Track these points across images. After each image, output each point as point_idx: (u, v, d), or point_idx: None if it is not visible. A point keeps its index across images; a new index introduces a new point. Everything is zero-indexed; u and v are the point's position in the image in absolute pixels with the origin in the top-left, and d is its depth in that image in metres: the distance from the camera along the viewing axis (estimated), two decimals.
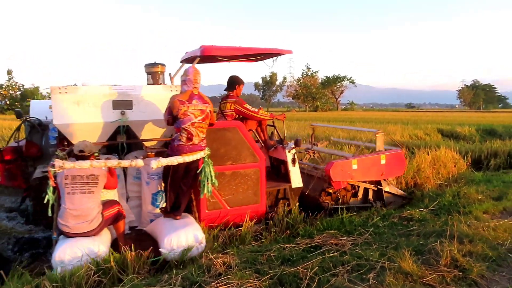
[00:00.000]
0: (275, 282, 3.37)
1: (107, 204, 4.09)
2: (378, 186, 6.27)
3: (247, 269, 3.57)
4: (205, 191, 4.51)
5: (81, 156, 3.97)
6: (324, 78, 77.89)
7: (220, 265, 3.62)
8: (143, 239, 4.42)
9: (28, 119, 5.86)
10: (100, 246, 3.80)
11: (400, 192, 6.64)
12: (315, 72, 77.17)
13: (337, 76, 76.43)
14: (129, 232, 4.67)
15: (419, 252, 3.96)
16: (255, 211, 5.14)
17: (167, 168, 4.49)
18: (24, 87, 48.69)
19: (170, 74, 5.72)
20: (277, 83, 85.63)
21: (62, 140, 4.83)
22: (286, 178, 5.54)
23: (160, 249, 4.01)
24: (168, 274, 3.51)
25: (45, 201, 3.85)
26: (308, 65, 55.21)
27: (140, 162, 4.06)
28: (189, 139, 4.37)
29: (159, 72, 5.63)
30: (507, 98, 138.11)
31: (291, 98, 76.75)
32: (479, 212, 5.40)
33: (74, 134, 4.55)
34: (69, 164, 3.76)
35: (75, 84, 5.40)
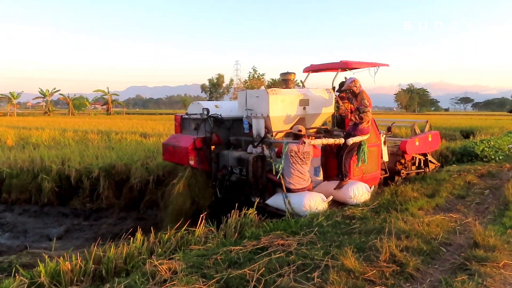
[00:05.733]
0: (222, 286, 3.34)
1: None
2: (425, 157, 8.94)
3: (193, 274, 3.50)
4: (365, 162, 6.59)
5: (299, 134, 6.02)
6: (271, 80, 79.25)
7: (165, 271, 3.52)
8: None
9: (212, 116, 7.04)
10: (322, 196, 5.91)
11: (435, 161, 9.54)
12: (261, 75, 78.00)
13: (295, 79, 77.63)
14: None
15: (361, 249, 4.11)
16: (374, 177, 7.19)
17: (324, 148, 6.66)
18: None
19: (301, 81, 8.05)
20: (224, 85, 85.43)
21: (251, 129, 6.66)
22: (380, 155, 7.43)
23: (347, 198, 6.10)
24: (110, 283, 3.35)
25: (280, 169, 5.75)
26: (255, 67, 55.61)
27: (342, 140, 6.25)
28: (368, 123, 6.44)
29: (291, 79, 7.19)
30: (439, 102, 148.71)
31: None
32: (415, 209, 5.73)
33: (276, 123, 6.38)
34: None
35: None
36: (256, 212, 5.38)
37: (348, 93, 6.76)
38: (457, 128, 22.03)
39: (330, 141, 6.19)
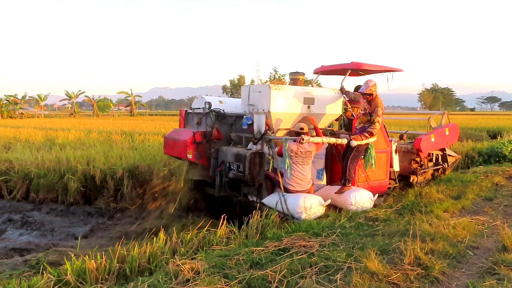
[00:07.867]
0: (244, 286, 3.34)
1: None
2: (443, 152, 8.43)
3: (216, 274, 3.52)
4: (372, 166, 6.11)
5: (301, 132, 5.74)
6: (291, 81, 78.98)
7: (188, 271, 3.55)
8: None
9: (214, 110, 6.99)
10: (320, 198, 5.51)
11: (454, 154, 9.01)
12: (282, 75, 77.89)
13: (304, 79, 77.47)
14: None
15: (384, 251, 4.05)
16: (381, 185, 6.69)
17: (329, 151, 6.45)
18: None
19: (310, 82, 7.73)
20: None
21: (251, 126, 6.48)
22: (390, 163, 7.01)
23: (347, 205, 5.69)
24: (134, 282, 3.41)
25: (287, 167, 5.54)
26: (276, 68, 55.72)
27: (344, 141, 5.77)
28: None
29: (300, 79, 7.15)
30: (464, 101, 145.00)
31: None
32: (440, 211, 5.61)
33: (278, 120, 6.18)
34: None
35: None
36: (277, 212, 5.36)
37: (365, 95, 6.08)
38: (483, 128, 21.46)
39: (332, 140, 5.81)
